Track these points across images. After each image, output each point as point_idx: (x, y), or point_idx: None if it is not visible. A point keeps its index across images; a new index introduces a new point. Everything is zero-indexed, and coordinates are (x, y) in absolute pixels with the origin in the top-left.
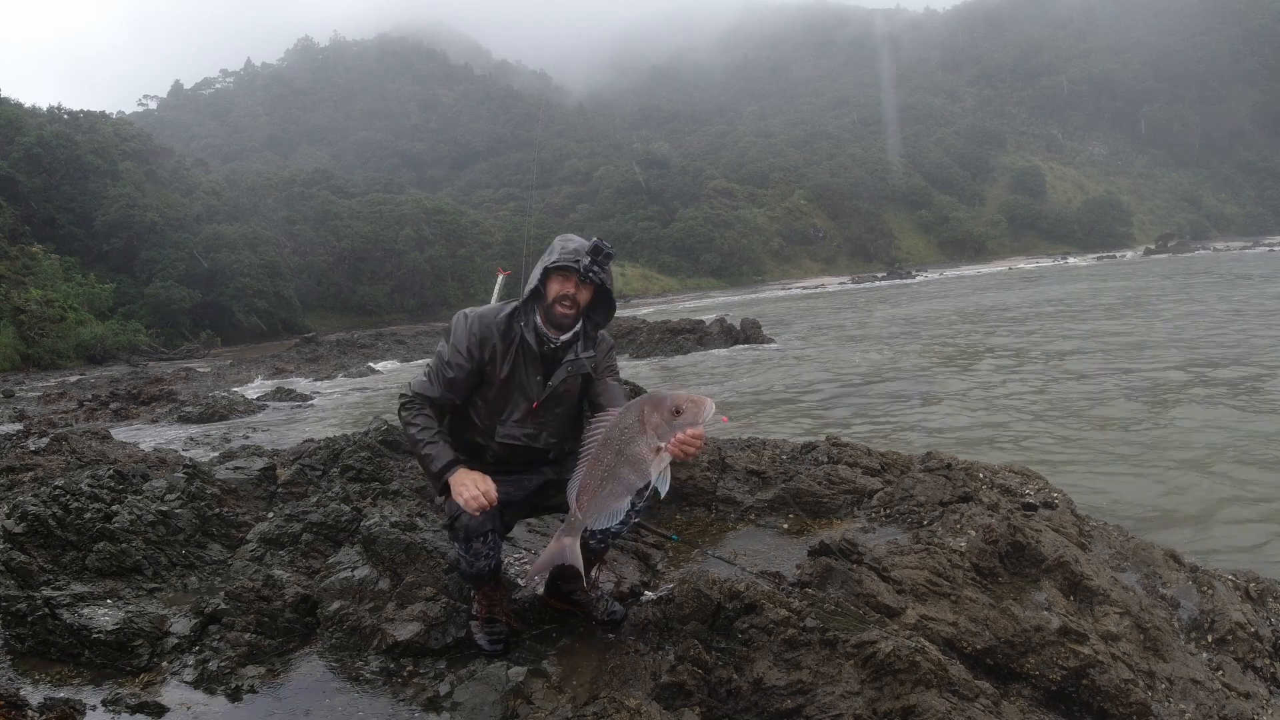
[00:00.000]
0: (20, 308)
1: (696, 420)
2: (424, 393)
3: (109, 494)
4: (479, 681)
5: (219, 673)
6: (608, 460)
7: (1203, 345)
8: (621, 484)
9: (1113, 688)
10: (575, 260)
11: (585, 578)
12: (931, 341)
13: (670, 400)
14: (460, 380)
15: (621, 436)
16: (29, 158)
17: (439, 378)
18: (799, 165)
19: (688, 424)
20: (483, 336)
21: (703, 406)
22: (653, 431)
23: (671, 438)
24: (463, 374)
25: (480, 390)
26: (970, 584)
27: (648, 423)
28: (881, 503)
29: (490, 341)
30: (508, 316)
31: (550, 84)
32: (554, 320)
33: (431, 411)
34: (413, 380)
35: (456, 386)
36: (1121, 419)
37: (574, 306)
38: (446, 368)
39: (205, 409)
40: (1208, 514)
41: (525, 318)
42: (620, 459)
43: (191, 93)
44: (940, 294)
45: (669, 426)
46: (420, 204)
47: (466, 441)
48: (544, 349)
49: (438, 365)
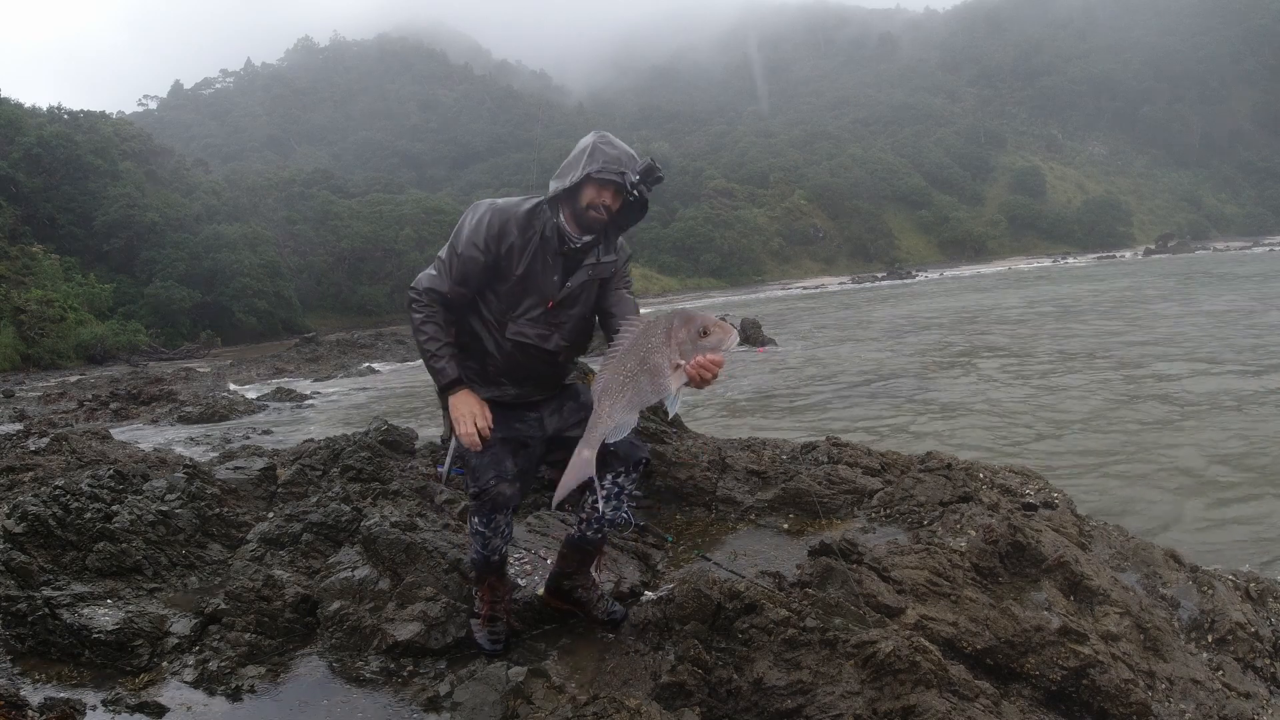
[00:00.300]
0: (20, 308)
1: (720, 345)
2: (435, 287)
3: (109, 494)
4: (479, 681)
5: (219, 673)
6: (630, 366)
7: (1203, 345)
8: (639, 393)
9: (1113, 688)
10: (620, 176)
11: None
12: (932, 341)
13: (700, 320)
14: (473, 274)
15: (646, 345)
16: (29, 158)
17: (450, 270)
18: (799, 165)
19: (710, 348)
20: (501, 229)
21: (729, 334)
22: (676, 347)
23: (693, 359)
24: (476, 267)
25: (493, 284)
26: (970, 584)
27: (673, 337)
28: (881, 503)
29: (509, 236)
30: (528, 211)
31: (550, 84)
32: (583, 222)
33: (442, 313)
34: (421, 274)
35: (469, 280)
36: (1122, 419)
37: (606, 213)
38: (458, 259)
39: (205, 409)
40: (1208, 514)
41: (550, 214)
42: (642, 367)
43: (191, 93)
44: (940, 294)
45: (693, 346)
46: (420, 204)
47: (474, 341)
48: (565, 248)
49: (449, 257)
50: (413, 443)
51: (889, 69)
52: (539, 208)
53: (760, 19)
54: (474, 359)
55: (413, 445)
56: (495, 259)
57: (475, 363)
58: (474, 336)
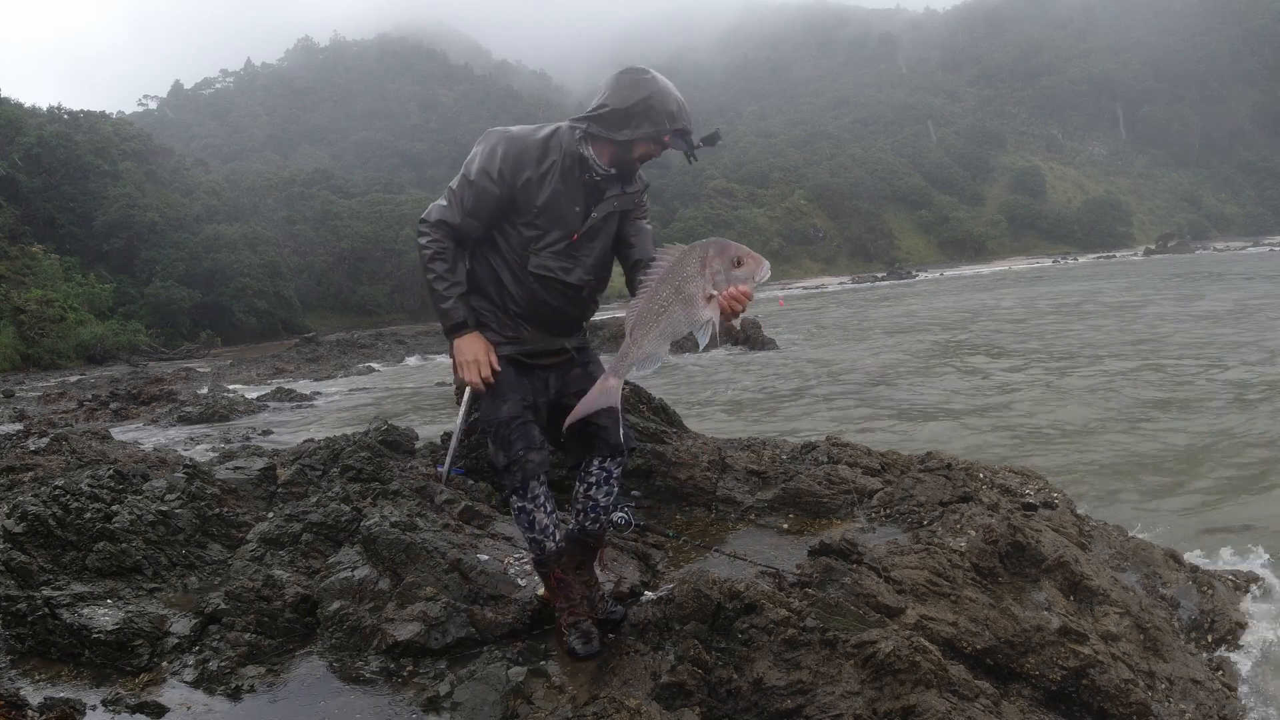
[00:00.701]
0: (20, 308)
1: (753, 276)
2: (446, 219)
3: (109, 494)
4: (479, 681)
5: (219, 673)
6: (664, 295)
7: (1206, 345)
8: (671, 323)
9: (1113, 688)
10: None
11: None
12: (932, 341)
13: (734, 249)
14: (486, 205)
15: (682, 274)
16: (29, 158)
17: (462, 202)
18: (799, 165)
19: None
20: (518, 159)
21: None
22: (710, 277)
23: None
24: (490, 199)
25: (511, 217)
26: (970, 584)
27: (708, 266)
28: (881, 503)
29: (525, 167)
30: (545, 139)
31: (550, 84)
32: (621, 163)
33: (453, 248)
34: (433, 205)
35: (481, 211)
36: (1122, 418)
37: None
38: (470, 188)
39: (205, 409)
40: (1209, 513)
41: (577, 142)
42: (676, 296)
43: (191, 93)
44: (940, 293)
45: (726, 276)
46: (420, 204)
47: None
48: (586, 177)
49: (460, 186)
50: (413, 443)
51: (889, 69)
52: (557, 133)
53: (760, 19)
54: (492, 299)
55: (413, 445)
56: (511, 190)
57: (492, 303)
58: (492, 274)
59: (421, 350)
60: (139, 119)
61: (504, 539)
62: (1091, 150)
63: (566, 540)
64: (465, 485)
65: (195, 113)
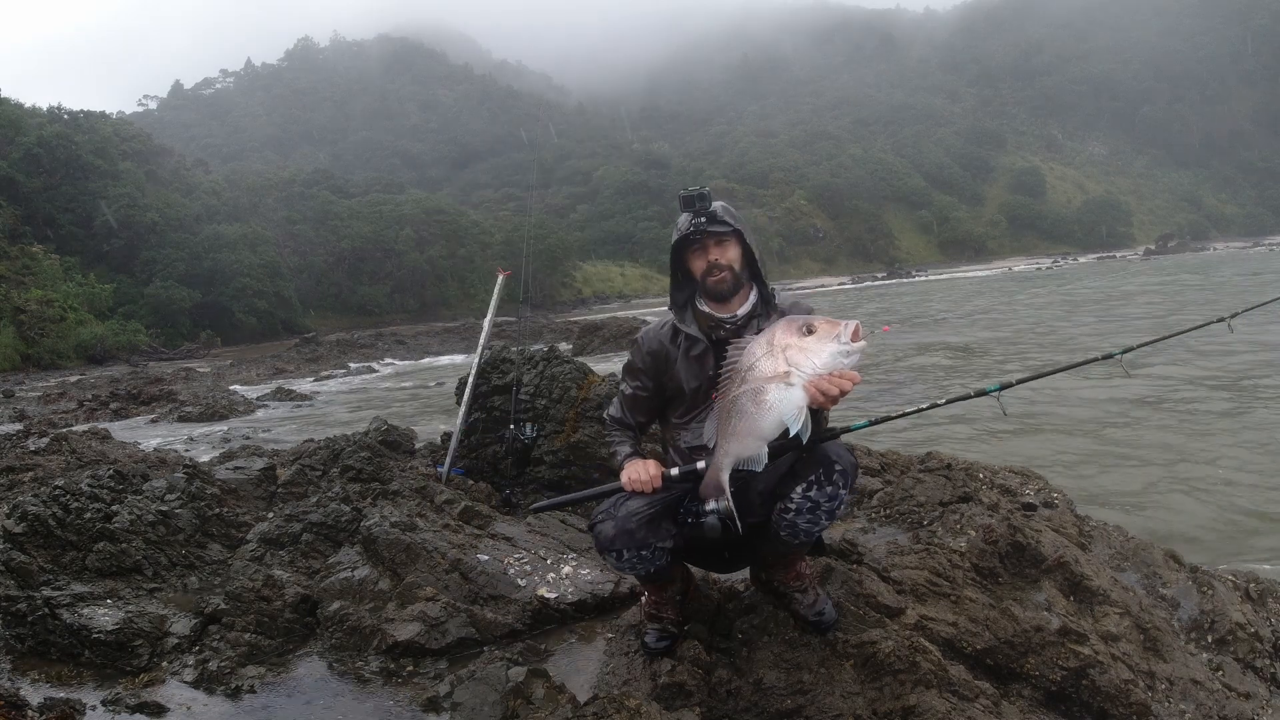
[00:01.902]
0: (20, 308)
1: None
2: (614, 415)
3: (109, 494)
4: (479, 681)
5: (219, 673)
6: (733, 391)
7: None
8: (745, 419)
9: (1113, 688)
10: (690, 227)
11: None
12: (933, 341)
13: (802, 319)
14: (641, 398)
15: (749, 361)
16: (29, 158)
17: (623, 401)
18: (799, 165)
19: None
20: (655, 350)
21: (837, 327)
22: (781, 355)
23: (806, 367)
24: (640, 392)
25: (670, 404)
26: (970, 584)
27: (775, 344)
28: (881, 503)
29: (663, 352)
30: (671, 325)
31: (550, 84)
32: (713, 293)
33: (622, 430)
34: (610, 403)
35: (639, 406)
36: (1123, 418)
37: (727, 269)
38: (625, 385)
39: (205, 409)
40: (1209, 513)
41: (681, 315)
42: (744, 388)
43: (191, 93)
44: (940, 293)
45: (804, 352)
46: (420, 204)
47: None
48: (716, 335)
49: (620, 387)
50: (413, 443)
51: (889, 69)
52: (673, 321)
53: (760, 19)
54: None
55: (413, 445)
56: (659, 379)
57: None
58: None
59: (422, 350)
60: (139, 119)
61: (504, 539)
62: (1091, 150)
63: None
64: (465, 485)
65: (195, 113)
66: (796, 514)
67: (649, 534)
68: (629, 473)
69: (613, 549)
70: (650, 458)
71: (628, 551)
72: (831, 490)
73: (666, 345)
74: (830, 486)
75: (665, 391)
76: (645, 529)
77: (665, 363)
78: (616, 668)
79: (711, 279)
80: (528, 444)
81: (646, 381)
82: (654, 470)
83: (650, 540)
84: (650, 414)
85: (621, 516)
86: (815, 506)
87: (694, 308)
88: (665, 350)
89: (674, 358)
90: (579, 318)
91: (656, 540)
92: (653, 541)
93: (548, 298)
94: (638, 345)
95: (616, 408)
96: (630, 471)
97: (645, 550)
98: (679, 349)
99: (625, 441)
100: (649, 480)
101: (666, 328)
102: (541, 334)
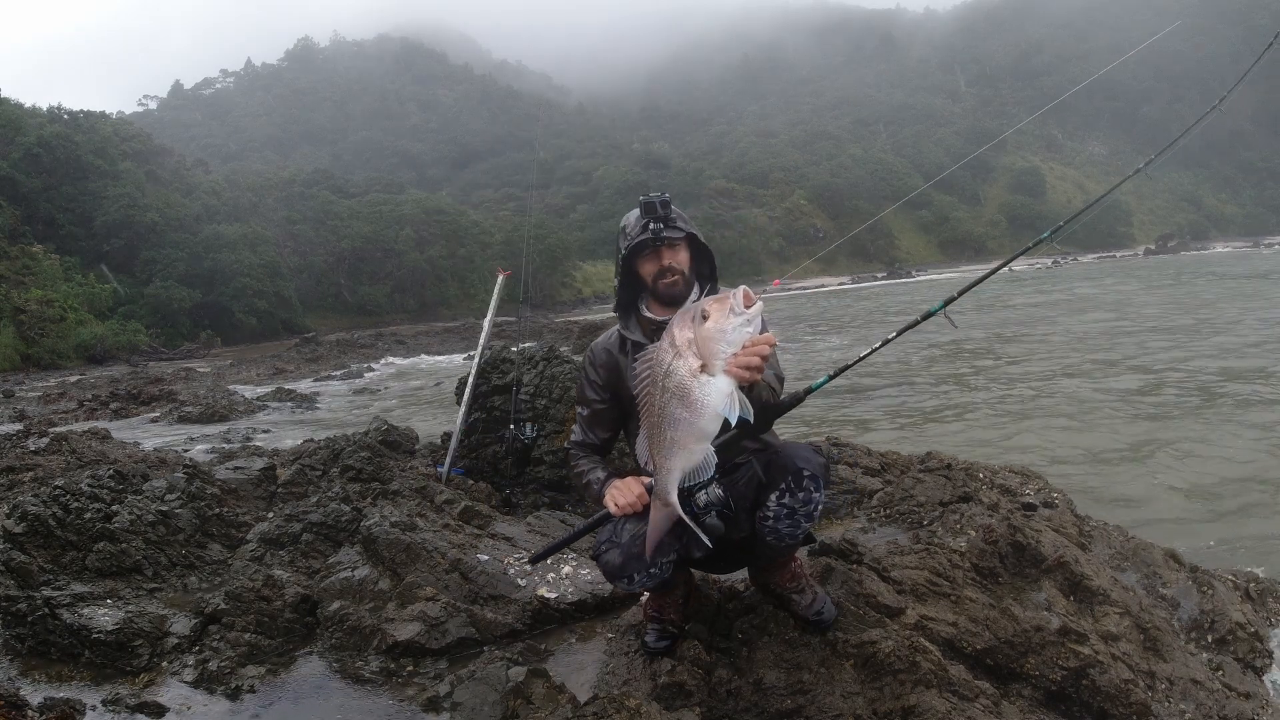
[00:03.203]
0: (20, 308)
1: (724, 322)
2: (576, 439)
3: (109, 494)
4: (479, 681)
5: (219, 673)
6: (658, 402)
7: (1205, 343)
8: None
9: (1113, 688)
10: (643, 232)
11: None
12: (933, 340)
13: (694, 308)
14: (603, 414)
15: (660, 368)
16: (29, 158)
17: (582, 422)
18: (799, 165)
19: (717, 331)
20: (605, 362)
21: (726, 300)
22: (689, 351)
23: (718, 353)
24: (598, 406)
25: (629, 416)
26: (970, 584)
27: (679, 343)
28: (881, 503)
29: (613, 362)
30: (618, 335)
31: (550, 84)
32: (665, 297)
33: (587, 455)
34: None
35: (600, 422)
36: (1122, 418)
37: (678, 273)
38: (582, 407)
39: (205, 409)
40: (1209, 513)
41: (625, 322)
42: (666, 396)
43: (191, 93)
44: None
45: (708, 340)
46: (420, 204)
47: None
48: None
49: (578, 410)
50: (413, 443)
51: (889, 69)
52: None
53: (760, 19)
54: None
55: (413, 445)
56: (615, 393)
57: None
58: None
59: (422, 350)
60: (139, 119)
61: (504, 539)
62: (1091, 150)
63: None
64: (465, 485)
65: (195, 113)
66: (776, 520)
67: (656, 552)
68: (614, 497)
69: (623, 575)
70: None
71: (639, 574)
72: (804, 496)
73: (616, 355)
74: (802, 493)
75: (622, 403)
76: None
77: (618, 373)
78: (616, 668)
79: (664, 282)
80: (528, 444)
81: (604, 395)
82: (637, 489)
83: (657, 558)
84: (612, 427)
85: (625, 543)
86: (792, 512)
87: (638, 313)
88: (615, 360)
89: (624, 366)
90: (579, 318)
91: (662, 556)
92: (659, 559)
93: (548, 298)
94: (589, 361)
95: (578, 432)
96: (615, 496)
97: (654, 569)
98: (627, 357)
99: (597, 467)
100: (636, 500)
101: (613, 337)
102: (541, 334)
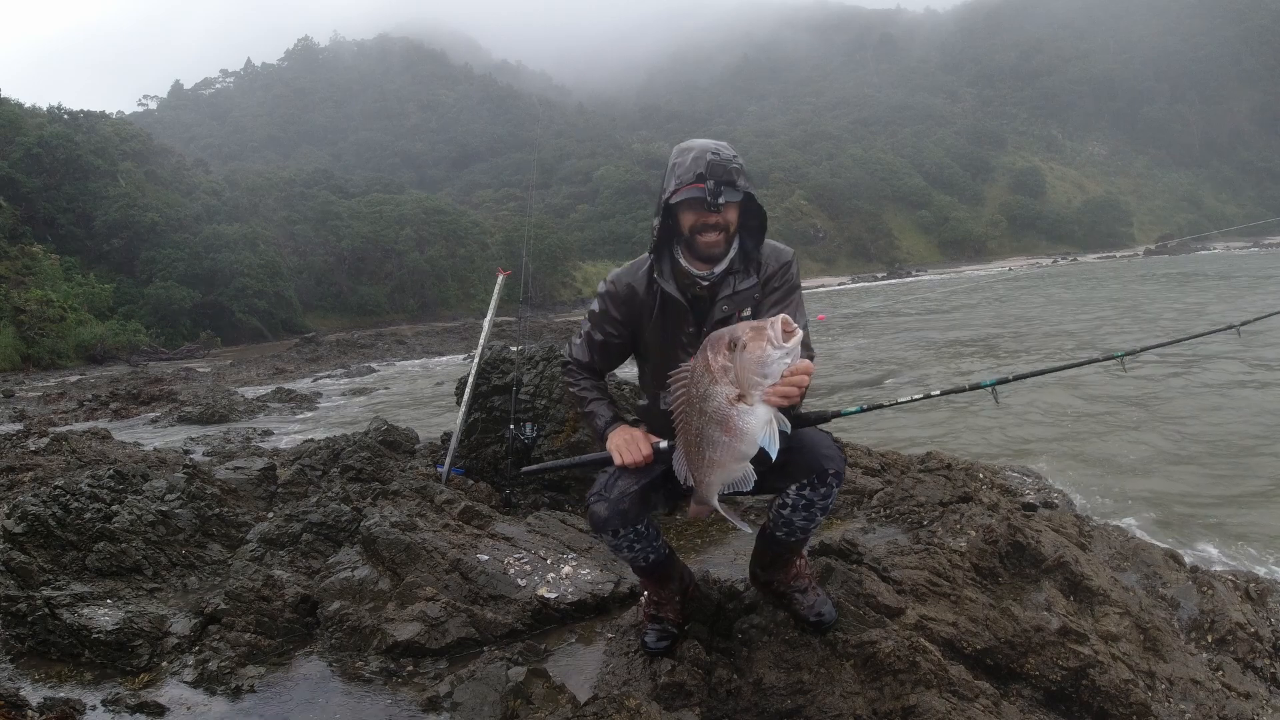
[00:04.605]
0: (20, 308)
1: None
2: (579, 357)
3: (109, 494)
4: (479, 681)
5: (219, 673)
6: (695, 423)
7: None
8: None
9: (1113, 688)
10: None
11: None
12: (933, 340)
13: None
14: (613, 345)
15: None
16: (29, 158)
17: (589, 343)
18: (799, 165)
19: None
20: (626, 295)
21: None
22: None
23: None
24: (612, 339)
25: (641, 357)
26: (970, 584)
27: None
28: (881, 503)
29: (635, 298)
30: (647, 271)
31: (551, 84)
32: (700, 253)
33: (589, 377)
34: (571, 341)
35: (609, 352)
36: (1123, 417)
37: (722, 232)
38: (595, 331)
39: (205, 409)
40: (1210, 512)
41: (659, 267)
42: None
43: (191, 93)
44: (940, 293)
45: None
46: (420, 204)
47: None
48: (690, 294)
49: (588, 330)
50: (413, 443)
51: (889, 69)
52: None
53: (760, 19)
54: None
55: (413, 445)
56: (630, 327)
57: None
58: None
59: (422, 350)
60: (139, 119)
61: (504, 539)
62: (1091, 150)
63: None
64: (465, 485)
65: (195, 113)
66: (793, 511)
67: (642, 509)
68: (618, 446)
69: (608, 528)
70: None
71: (623, 529)
72: (825, 490)
73: (641, 294)
74: (824, 487)
75: (638, 344)
76: (638, 506)
77: (640, 312)
78: (616, 668)
79: (704, 240)
80: (528, 444)
81: (622, 331)
82: (645, 447)
83: (643, 514)
84: (618, 361)
85: (614, 498)
86: (810, 504)
87: (673, 260)
88: (639, 299)
89: (650, 309)
90: (579, 318)
91: (647, 512)
92: (645, 514)
93: (548, 298)
94: (609, 295)
95: (582, 349)
96: (622, 450)
97: (639, 525)
98: (655, 300)
99: (602, 400)
100: (642, 459)
101: (642, 273)
102: (541, 334)
